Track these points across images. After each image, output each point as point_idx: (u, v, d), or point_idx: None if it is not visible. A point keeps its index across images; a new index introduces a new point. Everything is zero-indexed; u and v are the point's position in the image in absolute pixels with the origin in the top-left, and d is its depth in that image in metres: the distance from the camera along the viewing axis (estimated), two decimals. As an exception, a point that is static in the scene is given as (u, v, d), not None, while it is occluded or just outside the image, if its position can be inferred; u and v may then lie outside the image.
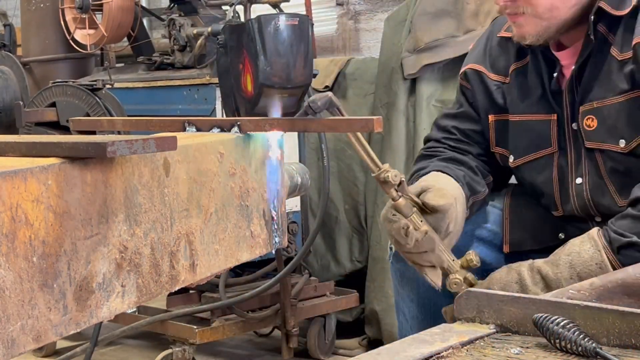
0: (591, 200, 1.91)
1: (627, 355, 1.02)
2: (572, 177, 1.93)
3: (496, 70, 2.05)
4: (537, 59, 1.97)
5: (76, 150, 1.07)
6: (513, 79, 2.02)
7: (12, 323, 0.98)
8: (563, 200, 1.96)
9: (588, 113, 1.88)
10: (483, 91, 2.06)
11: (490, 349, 1.08)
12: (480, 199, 2.01)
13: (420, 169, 2.02)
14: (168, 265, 1.26)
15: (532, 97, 1.99)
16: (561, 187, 1.96)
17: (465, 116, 2.10)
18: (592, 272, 1.71)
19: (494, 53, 2.06)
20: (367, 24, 4.68)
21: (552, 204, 1.99)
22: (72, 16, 3.77)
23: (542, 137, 1.97)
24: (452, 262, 1.78)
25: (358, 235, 3.85)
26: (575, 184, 1.93)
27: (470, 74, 2.08)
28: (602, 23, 1.87)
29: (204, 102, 3.45)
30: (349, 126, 1.58)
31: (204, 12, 3.64)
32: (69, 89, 3.32)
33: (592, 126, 1.88)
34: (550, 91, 1.95)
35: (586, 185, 1.91)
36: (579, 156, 1.92)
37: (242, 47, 3.02)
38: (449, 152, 2.06)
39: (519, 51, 2.02)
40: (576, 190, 1.93)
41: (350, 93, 3.93)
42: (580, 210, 1.93)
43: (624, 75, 1.83)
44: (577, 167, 1.92)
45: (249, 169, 1.47)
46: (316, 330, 3.60)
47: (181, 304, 3.55)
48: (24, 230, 1.00)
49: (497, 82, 2.04)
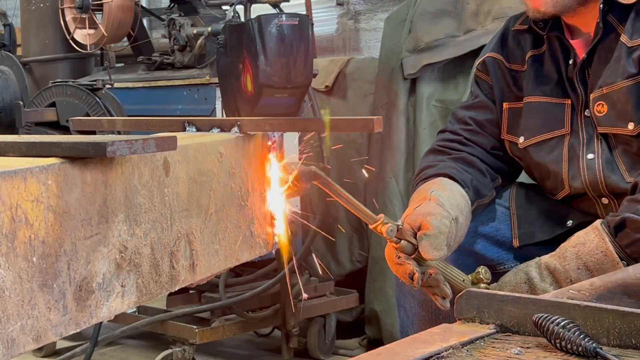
0: (602, 174, 1.93)
1: (627, 355, 1.02)
2: (584, 153, 1.96)
3: (513, 60, 2.09)
4: (554, 47, 2.01)
5: (76, 150, 1.07)
6: (529, 65, 2.06)
7: (12, 323, 0.98)
8: (571, 177, 1.98)
9: (598, 99, 1.92)
10: (500, 79, 2.10)
11: (490, 349, 1.08)
12: (485, 202, 2.04)
13: (429, 166, 2.04)
14: (168, 265, 1.26)
15: (548, 82, 2.02)
16: (570, 164, 1.98)
17: (481, 106, 2.13)
18: (598, 260, 1.73)
19: (510, 45, 2.11)
20: (367, 23, 4.68)
21: (560, 183, 2.01)
22: (72, 16, 3.77)
23: (555, 119, 2.00)
24: (462, 282, 1.81)
25: (358, 235, 3.85)
26: (586, 158, 1.95)
27: (489, 62, 2.12)
28: (612, 13, 1.91)
29: (204, 102, 3.45)
30: (349, 126, 1.58)
31: (204, 12, 3.64)
32: (68, 89, 3.32)
33: (602, 112, 1.92)
34: (566, 78, 1.98)
35: (598, 159, 1.94)
36: (591, 137, 1.96)
37: (242, 47, 3.02)
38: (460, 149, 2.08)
39: (535, 41, 2.06)
40: (587, 165, 1.95)
41: (350, 93, 3.93)
42: (589, 186, 1.95)
43: (633, 60, 1.87)
44: (589, 145, 1.96)
45: (249, 169, 1.47)
46: (316, 330, 3.60)
47: (181, 304, 3.55)
48: (23, 230, 1.00)
49: (514, 71, 2.09)
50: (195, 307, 3.44)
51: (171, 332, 3.35)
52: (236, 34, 3.06)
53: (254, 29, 2.98)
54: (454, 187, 1.93)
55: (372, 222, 1.73)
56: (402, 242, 1.77)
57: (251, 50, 2.99)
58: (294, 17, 3.07)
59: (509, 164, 2.13)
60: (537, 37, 2.05)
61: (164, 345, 3.40)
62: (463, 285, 1.80)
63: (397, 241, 1.76)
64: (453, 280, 1.81)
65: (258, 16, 3.05)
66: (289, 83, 3.00)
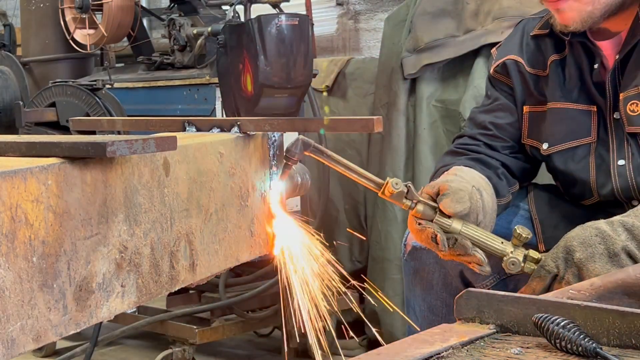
0: (634, 180, 1.91)
1: (627, 355, 1.02)
2: (614, 160, 1.93)
3: (532, 64, 2.06)
4: (576, 52, 1.98)
5: (76, 150, 1.07)
6: (552, 70, 2.02)
7: (12, 323, 0.98)
8: (599, 185, 1.95)
9: (632, 98, 1.89)
10: (521, 82, 2.06)
11: (490, 349, 1.08)
12: (501, 203, 1.98)
13: (444, 165, 2.00)
14: (168, 265, 1.26)
15: (572, 88, 1.99)
16: (598, 172, 1.95)
17: (500, 109, 2.09)
18: None
19: (530, 49, 2.07)
20: (367, 24, 4.68)
21: (587, 191, 1.98)
22: (72, 16, 3.77)
23: (581, 127, 1.97)
24: (502, 244, 1.72)
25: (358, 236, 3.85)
26: (617, 165, 1.93)
27: (510, 64, 2.08)
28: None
29: (204, 102, 3.45)
30: (349, 126, 1.58)
31: (204, 12, 3.64)
32: (68, 89, 3.32)
33: (636, 111, 1.88)
34: (592, 83, 1.95)
35: (629, 165, 1.91)
36: (621, 141, 1.93)
37: (242, 47, 3.02)
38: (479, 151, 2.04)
39: (556, 45, 2.03)
40: (618, 172, 1.93)
41: (350, 93, 3.93)
42: (621, 192, 1.93)
43: None
44: (619, 151, 1.93)
45: (249, 169, 1.47)
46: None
47: (181, 304, 3.55)
48: (23, 230, 0.99)
49: (534, 75, 2.05)
50: (195, 307, 3.44)
51: (171, 332, 3.35)
52: (236, 34, 3.06)
53: (254, 29, 2.98)
54: (472, 172, 1.88)
55: (377, 188, 1.68)
56: (419, 206, 1.70)
57: (251, 50, 2.99)
58: (293, 17, 3.07)
59: (529, 165, 2.09)
60: (558, 41, 2.01)
61: (164, 345, 3.40)
62: (501, 248, 1.72)
63: (411, 205, 1.69)
64: (486, 245, 1.71)
65: (258, 16, 3.05)
66: (289, 83, 3.00)
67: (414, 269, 2.07)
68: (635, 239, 1.64)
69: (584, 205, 2.02)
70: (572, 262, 1.65)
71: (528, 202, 2.09)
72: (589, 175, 1.96)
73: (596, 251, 1.64)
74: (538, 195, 2.10)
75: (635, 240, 1.64)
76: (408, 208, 1.70)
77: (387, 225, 3.51)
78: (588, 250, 1.64)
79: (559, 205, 2.06)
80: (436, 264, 2.04)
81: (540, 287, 1.68)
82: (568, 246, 1.67)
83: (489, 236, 1.73)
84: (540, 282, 1.68)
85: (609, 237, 1.64)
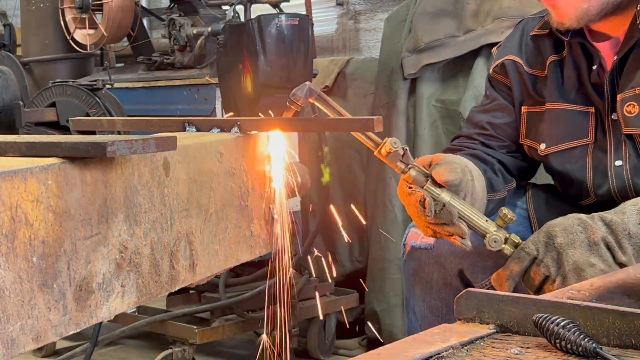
0: (631, 181, 1.92)
1: (627, 355, 1.02)
2: (611, 161, 1.94)
3: (531, 64, 2.06)
4: (575, 53, 1.98)
5: (76, 150, 1.07)
6: (551, 70, 2.02)
7: (12, 323, 0.98)
8: (596, 185, 1.96)
9: (629, 100, 1.89)
10: (519, 82, 2.07)
11: (490, 349, 1.08)
12: (496, 198, 1.98)
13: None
14: (168, 265, 1.26)
15: (570, 89, 1.99)
16: (595, 173, 1.96)
17: (498, 109, 2.09)
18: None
19: (529, 50, 2.07)
20: (367, 24, 4.68)
21: (584, 192, 1.99)
22: (72, 16, 3.77)
23: (579, 128, 1.97)
24: (486, 222, 1.74)
25: (358, 236, 3.85)
26: (614, 166, 1.94)
27: (508, 64, 2.08)
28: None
29: (204, 102, 3.45)
30: (349, 126, 1.58)
31: (204, 12, 3.64)
32: (68, 89, 3.32)
33: (633, 112, 1.89)
34: (590, 84, 1.96)
35: (626, 166, 1.92)
36: (619, 142, 1.93)
37: (242, 47, 3.03)
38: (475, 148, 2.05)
39: (556, 45, 2.03)
40: (615, 173, 1.93)
41: (350, 93, 3.93)
42: (618, 193, 1.94)
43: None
44: (616, 151, 1.94)
45: (249, 169, 1.47)
46: (316, 330, 3.60)
47: (181, 304, 3.55)
48: (23, 230, 0.99)
49: (532, 76, 2.05)
50: (195, 307, 3.44)
51: (171, 332, 3.35)
52: (236, 34, 3.06)
53: (254, 29, 2.98)
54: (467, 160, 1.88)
55: (375, 147, 1.68)
56: (412, 171, 1.71)
57: (251, 50, 3.00)
58: (293, 17, 3.07)
59: (526, 164, 2.10)
60: (558, 41, 2.01)
61: (164, 345, 3.39)
62: (485, 226, 1.73)
63: (404, 169, 1.71)
64: (471, 219, 1.73)
65: (258, 16, 3.06)
66: (289, 83, 3.00)
67: (413, 269, 2.07)
68: (613, 233, 1.67)
69: (582, 206, 2.02)
70: (553, 247, 1.67)
71: (526, 201, 2.09)
72: (586, 175, 1.97)
73: (577, 238, 1.66)
74: (536, 194, 2.10)
75: (613, 234, 1.67)
76: (401, 171, 1.72)
77: (387, 225, 3.51)
78: (569, 236, 1.67)
79: (556, 205, 2.06)
80: (436, 264, 2.04)
81: (518, 268, 1.69)
82: (550, 231, 1.70)
83: (475, 212, 1.75)
84: (519, 264, 1.69)
85: (590, 226, 1.68)
